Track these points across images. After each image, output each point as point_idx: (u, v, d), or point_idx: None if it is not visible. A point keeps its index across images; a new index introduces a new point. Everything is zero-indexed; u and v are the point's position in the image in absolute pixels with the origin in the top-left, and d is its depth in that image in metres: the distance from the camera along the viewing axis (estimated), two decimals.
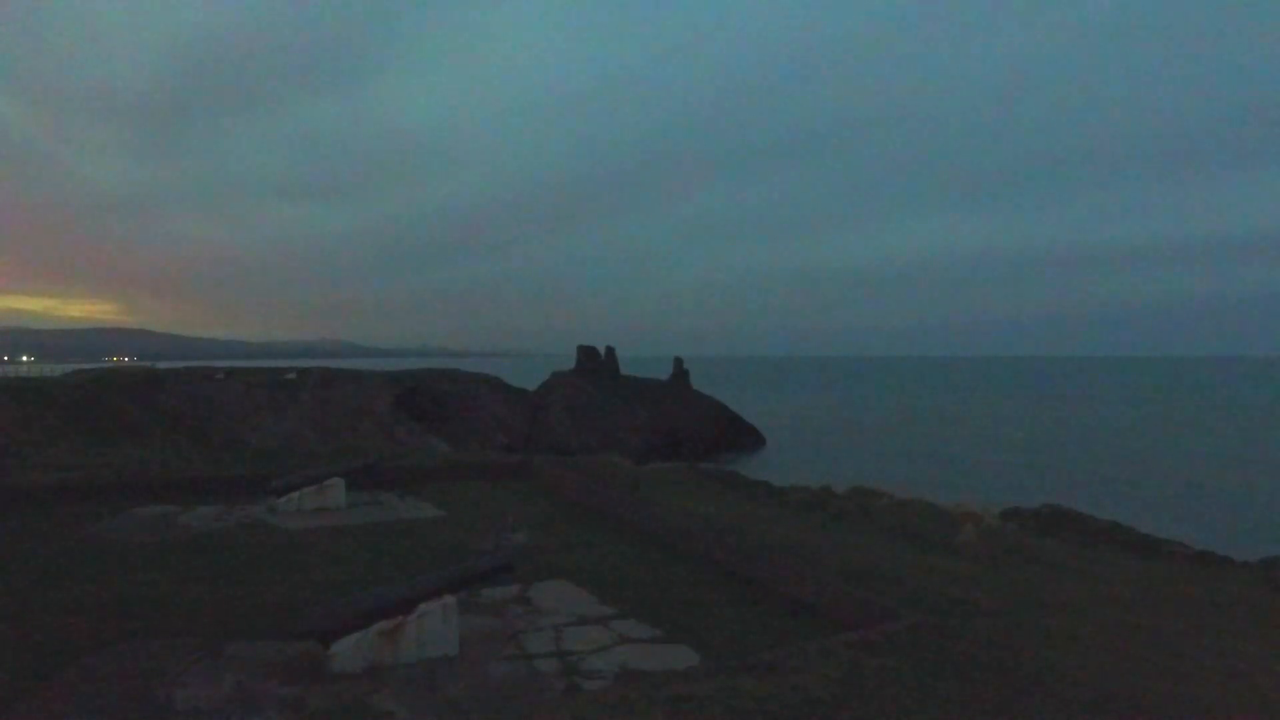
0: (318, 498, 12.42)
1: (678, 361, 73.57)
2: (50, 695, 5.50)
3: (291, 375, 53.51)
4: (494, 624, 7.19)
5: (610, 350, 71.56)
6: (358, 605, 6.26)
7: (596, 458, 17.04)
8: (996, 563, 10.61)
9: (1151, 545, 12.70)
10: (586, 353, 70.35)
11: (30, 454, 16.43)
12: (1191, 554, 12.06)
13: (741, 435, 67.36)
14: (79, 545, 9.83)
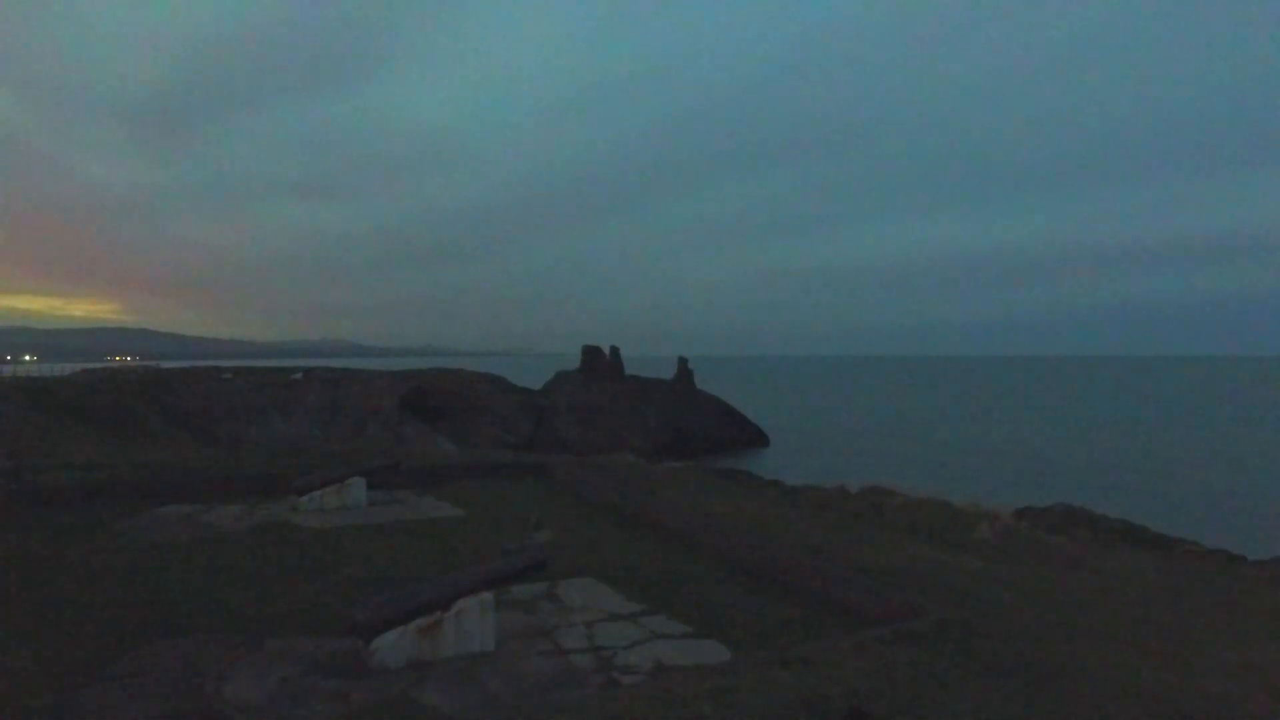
0: (339, 497, 12.56)
1: (682, 361, 73.65)
2: (102, 689, 5.64)
3: (298, 376, 53.71)
4: (527, 620, 7.33)
5: (615, 350, 71.66)
6: (398, 602, 6.39)
7: (610, 457, 17.16)
8: (1013, 560, 10.74)
9: (1165, 543, 12.84)
10: (591, 352, 70.46)
11: (50, 454, 16.58)
12: (1204, 552, 12.20)
13: (746, 434, 67.47)
14: (108, 545, 9.97)
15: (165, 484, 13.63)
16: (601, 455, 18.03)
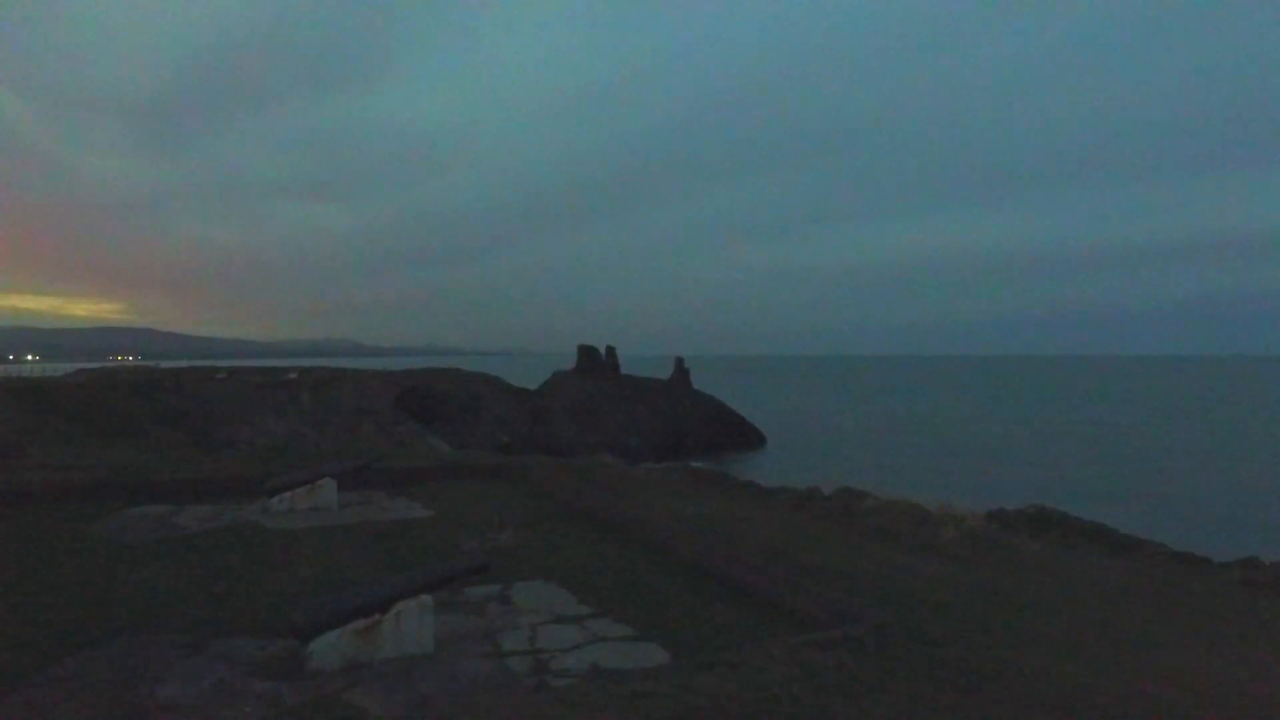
0: (310, 498, 12.60)
1: (678, 361, 73.70)
2: (34, 692, 5.68)
3: (293, 375, 53.78)
4: (472, 622, 7.36)
5: (611, 350, 71.73)
6: (336, 604, 6.43)
7: (587, 458, 17.21)
8: (975, 563, 10.77)
9: (1133, 545, 12.85)
10: (587, 352, 70.53)
11: (28, 454, 16.64)
12: (1170, 554, 12.21)
13: (743, 434, 67.52)
14: (73, 546, 10.02)
15: (140, 485, 13.68)
16: (578, 457, 18.08)
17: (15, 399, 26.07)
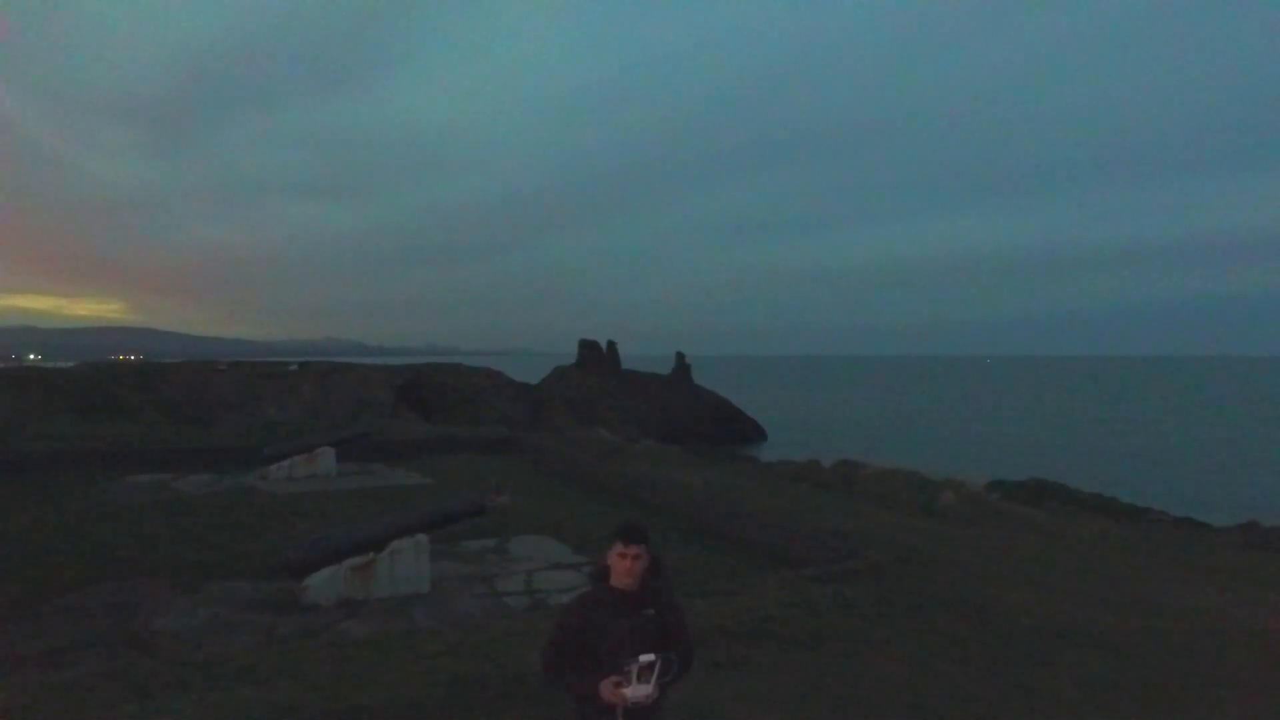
0: (308, 465, 12.57)
1: (679, 355, 73.44)
2: (34, 623, 5.67)
3: (294, 367, 53.69)
4: (470, 569, 7.35)
5: (612, 344, 71.53)
6: (331, 541, 6.41)
7: (584, 432, 17.17)
8: (974, 524, 10.73)
9: (1134, 512, 12.82)
10: (588, 346, 70.36)
11: (33, 427, 16.63)
12: (1172, 520, 12.19)
13: (743, 429, 67.25)
14: (76, 506, 10.02)
15: (140, 454, 13.68)
16: (576, 431, 18.04)
17: (20, 386, 26.09)
